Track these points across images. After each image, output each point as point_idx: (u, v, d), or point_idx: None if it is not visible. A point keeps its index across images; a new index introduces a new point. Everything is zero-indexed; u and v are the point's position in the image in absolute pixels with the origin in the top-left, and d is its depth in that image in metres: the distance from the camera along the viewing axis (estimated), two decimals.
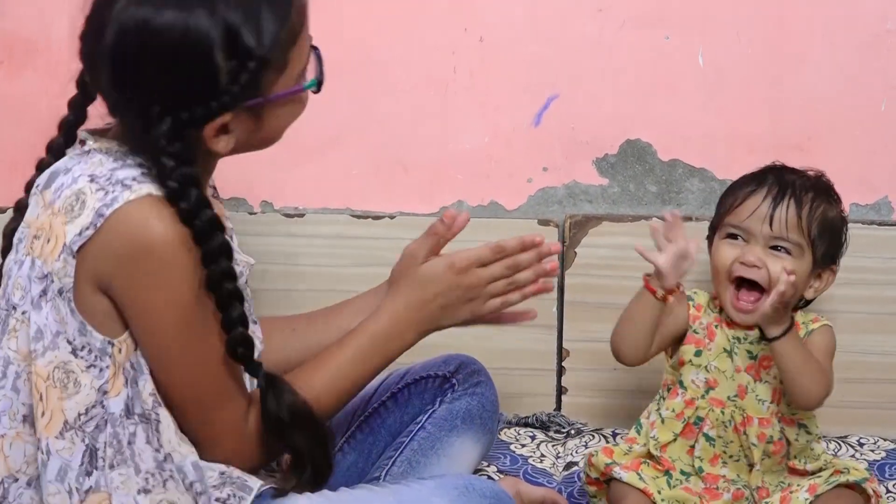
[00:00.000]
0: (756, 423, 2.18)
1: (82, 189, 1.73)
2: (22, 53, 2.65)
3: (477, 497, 1.82)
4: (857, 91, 2.56)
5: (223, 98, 1.71)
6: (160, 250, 1.70)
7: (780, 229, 2.18)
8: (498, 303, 1.96)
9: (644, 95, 2.60)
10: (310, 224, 2.63)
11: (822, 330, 2.23)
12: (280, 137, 1.86)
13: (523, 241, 1.96)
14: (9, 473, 1.79)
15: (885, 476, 2.39)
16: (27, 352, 1.76)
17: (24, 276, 1.76)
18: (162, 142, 1.71)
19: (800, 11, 2.55)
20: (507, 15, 2.59)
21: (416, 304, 1.95)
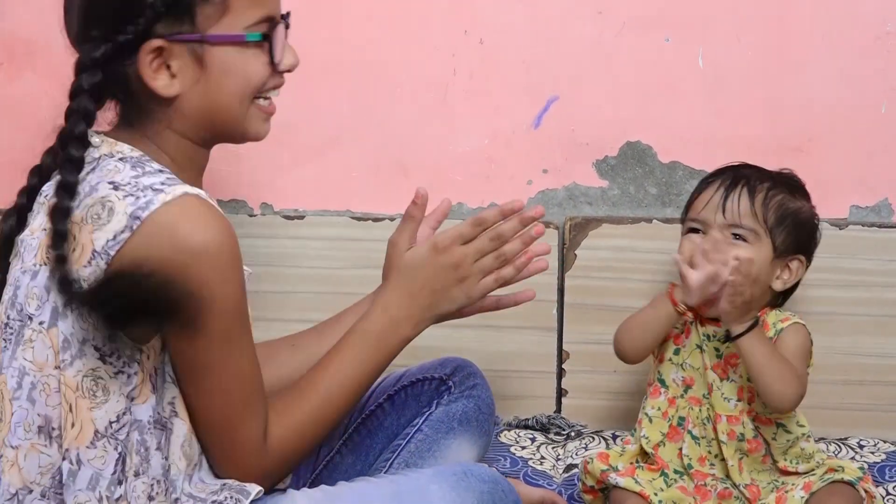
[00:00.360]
0: (724, 420, 2.19)
1: (106, 196, 1.71)
2: (22, 55, 2.66)
3: (476, 481, 1.82)
4: (857, 93, 2.56)
5: (149, 13, 1.71)
6: (212, 251, 1.69)
7: (732, 216, 2.19)
8: (491, 280, 1.94)
9: (644, 97, 2.60)
10: (309, 226, 2.63)
11: (792, 328, 2.22)
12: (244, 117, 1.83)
13: (503, 209, 1.93)
14: (23, 485, 1.76)
15: (885, 478, 2.39)
16: (43, 362, 1.73)
17: (39, 285, 1.74)
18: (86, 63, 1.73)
19: (800, 13, 2.56)
20: (507, 17, 2.59)
21: (405, 294, 1.93)
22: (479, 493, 1.81)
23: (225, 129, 1.82)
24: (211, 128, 1.81)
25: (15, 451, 1.76)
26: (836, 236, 2.54)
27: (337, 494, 1.83)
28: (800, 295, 2.45)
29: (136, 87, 1.75)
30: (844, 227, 2.55)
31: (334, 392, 1.88)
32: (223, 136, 1.85)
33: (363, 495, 1.82)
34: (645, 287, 2.54)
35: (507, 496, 1.84)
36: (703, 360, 2.22)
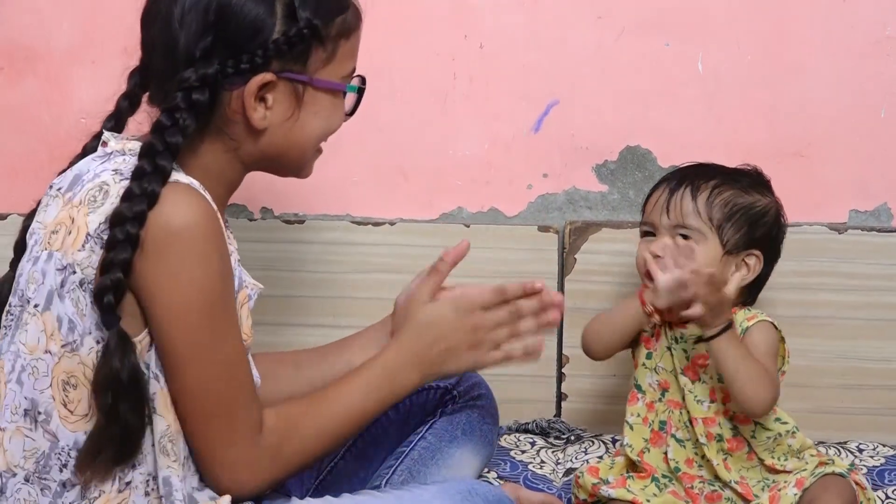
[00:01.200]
0: (700, 422, 2.19)
1: (105, 181, 1.74)
2: (22, 60, 2.66)
3: (479, 501, 1.82)
4: (856, 98, 2.56)
5: (270, 49, 1.75)
6: (189, 239, 1.70)
7: (676, 217, 2.19)
8: (500, 354, 1.95)
9: (643, 102, 2.60)
10: (310, 230, 2.62)
11: (758, 326, 2.21)
12: (308, 159, 1.88)
13: (525, 288, 1.95)
14: (7, 468, 1.76)
15: (884, 482, 2.38)
16: (34, 345, 1.74)
17: (38, 269, 1.75)
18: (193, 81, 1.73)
19: (798, 18, 2.55)
20: (506, 22, 2.59)
21: (422, 344, 1.93)
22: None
23: (285, 164, 1.87)
24: (273, 160, 1.85)
25: (3, 433, 1.77)
26: (836, 241, 2.54)
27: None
28: (798, 299, 2.50)
29: (225, 110, 1.78)
30: (844, 231, 2.54)
31: (339, 413, 1.87)
32: (276, 170, 1.89)
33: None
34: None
35: None
36: (674, 363, 2.22)
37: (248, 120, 1.78)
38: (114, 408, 1.69)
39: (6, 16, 2.65)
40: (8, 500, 1.76)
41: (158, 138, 1.72)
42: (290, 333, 2.60)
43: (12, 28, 2.64)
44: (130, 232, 1.67)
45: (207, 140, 1.80)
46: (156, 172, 1.70)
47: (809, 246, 2.51)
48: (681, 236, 2.19)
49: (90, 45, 2.62)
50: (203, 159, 1.80)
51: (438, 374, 1.94)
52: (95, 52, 2.62)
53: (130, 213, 1.67)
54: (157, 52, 1.79)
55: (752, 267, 2.23)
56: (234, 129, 1.80)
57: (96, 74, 2.62)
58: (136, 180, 1.69)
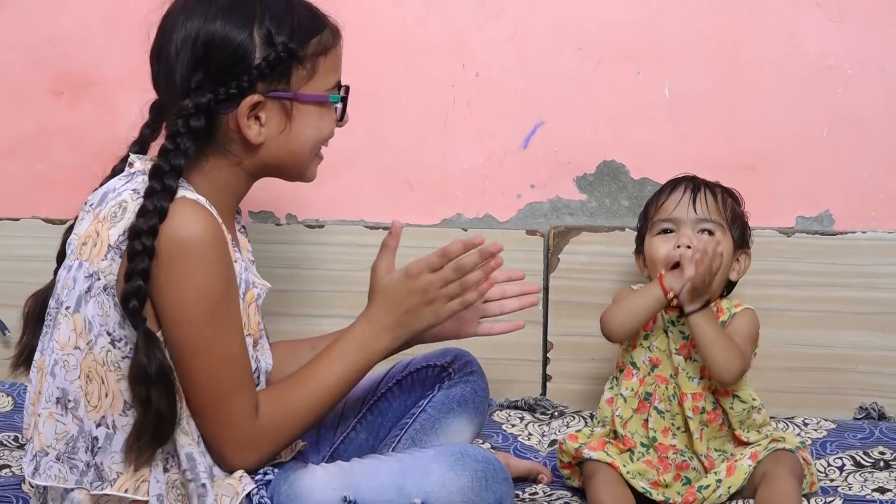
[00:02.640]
0: (690, 398, 2.20)
1: (125, 199, 1.77)
2: (79, 87, 2.69)
3: (471, 461, 1.82)
4: (802, 119, 2.56)
5: (254, 73, 1.78)
6: (194, 248, 1.72)
7: (703, 211, 2.22)
8: (456, 303, 1.93)
9: (618, 122, 2.61)
10: (329, 234, 2.65)
11: (743, 313, 2.24)
12: (306, 165, 1.89)
13: (465, 243, 1.93)
14: (41, 448, 1.79)
15: (825, 452, 2.38)
16: (65, 342, 1.77)
17: (71, 276, 1.77)
18: (190, 109, 1.75)
19: (752, 50, 2.56)
20: (499, 53, 2.61)
21: (384, 311, 1.93)
22: (473, 470, 1.81)
23: (288, 171, 1.89)
24: (276, 168, 1.88)
25: (39, 418, 1.80)
26: (785, 243, 2.56)
27: (351, 469, 1.85)
28: (753, 293, 2.48)
29: (224, 131, 1.81)
30: (791, 234, 2.56)
31: (321, 386, 1.88)
32: (281, 175, 1.91)
33: (373, 470, 1.84)
34: (619, 286, 2.49)
35: (497, 473, 1.83)
36: (669, 344, 2.23)
37: (244, 137, 1.81)
38: (147, 398, 1.72)
39: (66, 49, 2.67)
40: (41, 476, 1.80)
41: (164, 161, 1.75)
42: (311, 323, 2.60)
43: (71, 59, 2.67)
44: (146, 244, 1.70)
45: (212, 158, 1.83)
46: (164, 191, 1.73)
47: (762, 247, 2.47)
48: (702, 231, 2.22)
49: (137, 74, 2.38)
50: (210, 175, 1.83)
51: (407, 333, 1.93)
52: (142, 79, 2.37)
53: (146, 227, 1.70)
54: (162, 85, 1.83)
55: (744, 264, 2.29)
56: (234, 146, 1.82)
57: (143, 99, 2.34)
58: (149, 198, 1.72)
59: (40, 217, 2.71)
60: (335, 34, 1.88)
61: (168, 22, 1.82)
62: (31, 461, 1.81)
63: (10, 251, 2.69)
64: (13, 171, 2.73)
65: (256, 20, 1.80)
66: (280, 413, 1.85)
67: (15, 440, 2.45)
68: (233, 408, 1.79)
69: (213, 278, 1.75)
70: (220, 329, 1.77)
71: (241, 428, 1.80)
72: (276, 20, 1.81)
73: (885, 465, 2.33)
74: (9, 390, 2.64)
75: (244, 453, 1.82)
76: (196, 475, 1.78)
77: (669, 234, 2.25)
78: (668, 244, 2.23)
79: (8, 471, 2.31)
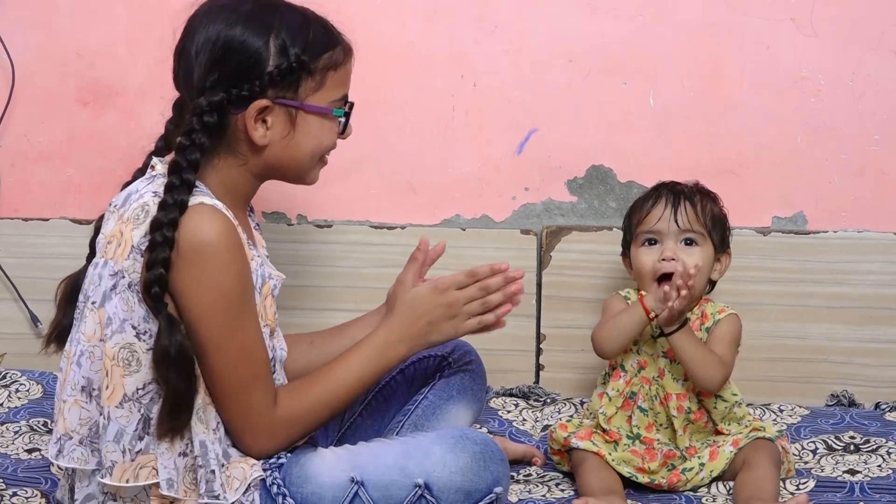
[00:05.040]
0: (675, 398, 2.19)
1: (147, 202, 1.76)
2: (104, 97, 2.69)
3: (470, 443, 1.82)
4: (777, 127, 2.57)
5: (265, 79, 1.78)
6: (211, 251, 1.73)
7: (685, 224, 2.20)
8: (475, 322, 1.94)
9: (606, 130, 2.60)
10: (336, 233, 2.64)
11: (727, 319, 2.23)
12: (307, 170, 1.88)
13: (492, 268, 1.94)
14: (65, 432, 1.79)
15: (800, 436, 2.38)
16: (91, 334, 1.77)
17: (97, 273, 1.78)
18: (204, 107, 1.76)
19: (731, 62, 2.56)
20: (495, 65, 2.61)
21: (407, 321, 1.92)
22: (472, 452, 1.81)
23: (288, 174, 1.89)
24: (278, 171, 1.88)
25: (64, 404, 1.80)
26: (761, 241, 2.56)
27: (357, 452, 1.85)
28: (733, 289, 2.50)
29: (233, 130, 1.82)
30: (768, 233, 2.56)
31: (338, 385, 1.88)
32: (283, 178, 1.90)
33: (378, 452, 1.84)
34: (607, 282, 2.55)
35: (495, 455, 1.83)
36: (657, 349, 2.21)
37: (250, 138, 1.81)
38: (166, 378, 1.72)
39: (92, 60, 2.66)
40: (64, 459, 1.80)
41: (181, 157, 1.76)
42: (320, 316, 2.59)
43: (96, 70, 2.67)
44: (167, 235, 1.70)
45: (223, 156, 1.83)
46: (183, 185, 1.74)
47: (740, 246, 2.47)
48: (685, 241, 2.21)
49: (159, 84, 2.40)
50: (220, 174, 1.83)
51: (424, 344, 1.94)
52: (163, 89, 2.38)
53: (166, 220, 1.71)
54: (181, 83, 1.84)
55: (725, 263, 2.28)
56: (241, 146, 1.82)
57: (164, 108, 2.37)
58: (168, 193, 1.73)
59: (69, 218, 2.72)
60: (347, 52, 1.88)
61: (192, 23, 1.84)
62: (55, 444, 1.81)
63: (40, 249, 2.70)
64: (44, 175, 2.73)
65: (274, 31, 1.80)
66: (297, 407, 1.85)
67: (45, 425, 2.46)
68: (251, 399, 1.80)
69: (229, 280, 1.75)
70: (237, 326, 1.77)
71: (259, 418, 1.81)
72: (291, 33, 1.81)
73: (855, 449, 2.34)
74: (38, 378, 2.65)
75: (262, 441, 1.83)
76: (206, 461, 1.78)
77: (654, 245, 2.24)
78: (652, 256, 2.22)
79: (38, 454, 2.31)
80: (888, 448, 2.32)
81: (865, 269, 2.56)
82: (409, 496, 1.80)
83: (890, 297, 2.56)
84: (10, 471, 2.19)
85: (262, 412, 1.81)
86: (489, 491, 1.81)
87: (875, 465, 2.26)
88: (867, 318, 2.56)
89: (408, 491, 1.80)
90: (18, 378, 2.63)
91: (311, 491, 1.82)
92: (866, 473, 2.23)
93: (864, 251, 2.56)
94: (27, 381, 2.63)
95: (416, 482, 1.79)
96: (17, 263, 2.72)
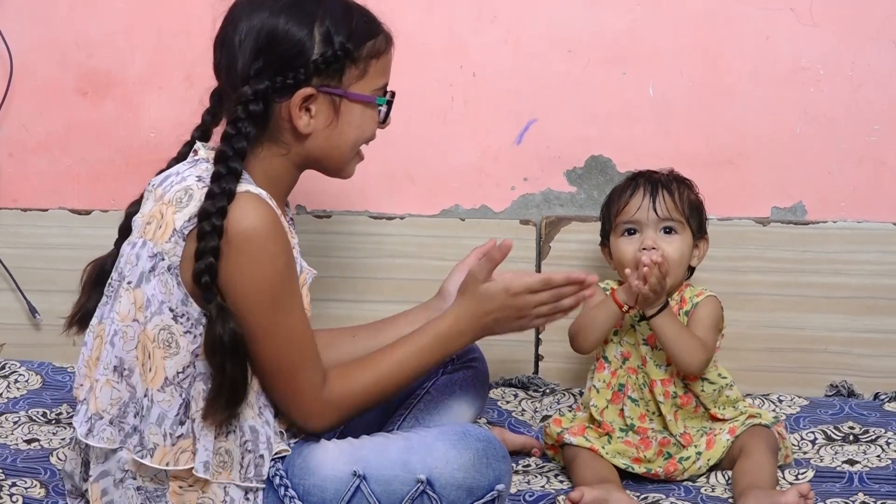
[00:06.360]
0: (659, 384, 2.20)
1: (190, 185, 1.76)
2: (103, 87, 2.69)
3: (473, 441, 1.81)
4: (776, 117, 2.56)
5: (310, 67, 1.78)
6: (257, 240, 1.73)
7: (663, 211, 2.21)
8: (541, 322, 1.97)
9: (605, 120, 2.60)
10: (335, 224, 2.64)
11: (705, 301, 2.24)
12: (348, 161, 1.89)
13: (567, 277, 1.94)
14: (96, 412, 1.80)
15: (799, 426, 2.38)
16: (126, 314, 1.77)
17: (135, 253, 1.78)
18: (249, 95, 1.76)
19: (730, 52, 2.56)
20: (495, 55, 2.61)
21: (474, 315, 1.93)
22: (475, 449, 1.80)
23: (329, 165, 1.89)
24: (319, 161, 1.87)
25: (97, 382, 1.80)
26: (760, 231, 2.56)
27: (360, 445, 1.85)
28: (731, 279, 2.51)
29: (277, 119, 1.81)
30: (767, 224, 2.56)
31: (395, 370, 1.89)
32: (323, 169, 1.90)
33: (381, 447, 1.83)
34: (605, 272, 2.45)
35: (497, 452, 1.82)
36: (637, 337, 2.22)
37: (294, 127, 1.80)
38: (222, 366, 1.72)
39: (90, 50, 2.66)
40: (94, 438, 1.79)
41: (227, 145, 1.75)
42: (320, 307, 2.43)
43: (95, 59, 2.67)
44: (216, 224, 1.70)
45: (266, 144, 1.82)
46: (230, 174, 1.73)
47: (739, 236, 2.52)
48: (664, 230, 2.21)
49: (157, 74, 2.65)
50: (263, 163, 1.82)
51: (484, 335, 1.95)
52: (161, 79, 2.65)
53: (214, 209, 1.70)
54: (223, 72, 1.83)
55: (703, 249, 2.28)
56: (285, 135, 1.82)
57: (162, 98, 2.65)
58: (215, 182, 1.73)
59: (67, 208, 2.71)
60: (388, 40, 1.88)
61: (234, 13, 1.83)
62: (85, 422, 1.81)
63: (39, 240, 2.71)
64: (42, 165, 2.73)
65: (318, 19, 1.80)
66: (347, 389, 1.86)
67: (43, 416, 2.45)
68: (300, 382, 1.81)
69: (277, 267, 1.75)
70: (283, 312, 1.77)
71: (308, 400, 1.82)
72: (335, 21, 1.81)
73: (854, 439, 2.34)
74: (37, 369, 2.65)
75: (312, 421, 1.84)
76: (256, 447, 1.79)
77: (633, 234, 2.24)
78: (632, 245, 2.22)
79: (37, 444, 2.31)
80: (887, 438, 2.32)
81: (864, 260, 2.55)
82: (411, 492, 1.79)
83: (889, 287, 2.55)
84: (9, 461, 2.20)
85: (310, 393, 1.82)
86: (491, 488, 1.81)
87: (874, 455, 2.26)
88: (866, 308, 2.56)
89: (410, 486, 1.79)
90: (17, 368, 2.64)
91: (313, 483, 1.82)
92: (865, 463, 2.23)
93: (863, 241, 2.55)
94: (26, 371, 2.63)
95: (419, 478, 1.79)
96: (15, 254, 2.72)
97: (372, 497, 1.80)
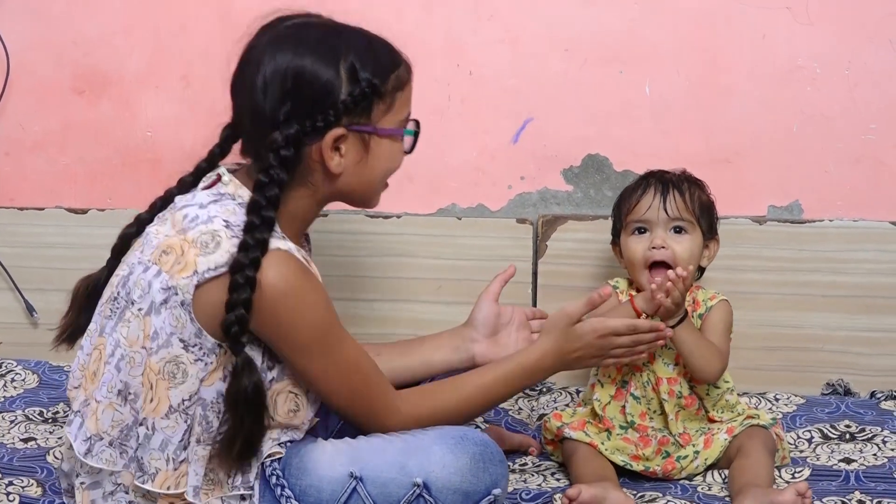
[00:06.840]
0: (665, 382, 2.20)
1: (217, 230, 1.74)
2: (99, 86, 2.69)
3: (470, 444, 1.81)
4: (774, 116, 2.56)
5: (339, 108, 1.76)
6: (292, 296, 1.73)
7: (674, 212, 2.21)
8: (611, 363, 2.05)
9: (602, 119, 2.60)
10: (332, 223, 2.62)
11: (718, 305, 2.24)
12: (376, 193, 1.88)
13: (652, 326, 2.02)
14: (96, 432, 1.79)
15: (796, 425, 2.38)
16: (134, 340, 1.76)
17: (146, 279, 1.76)
18: (280, 142, 1.73)
19: (728, 51, 2.56)
20: (491, 53, 2.61)
21: (560, 352, 1.98)
22: (472, 453, 1.80)
23: (356, 198, 1.88)
24: (347, 196, 1.87)
25: (98, 404, 1.79)
26: (757, 230, 2.55)
27: (357, 447, 1.84)
28: (728, 278, 2.50)
29: (307, 161, 1.79)
30: (764, 222, 2.56)
31: (477, 395, 1.94)
32: (349, 202, 1.89)
33: (379, 449, 1.83)
34: (602, 271, 2.54)
35: (494, 456, 1.82)
36: None
37: (326, 168, 1.79)
38: (240, 418, 1.72)
39: (87, 50, 2.66)
40: (93, 458, 1.79)
41: (261, 195, 1.73)
42: None
43: (92, 59, 2.67)
44: (249, 275, 1.69)
45: (293, 189, 1.80)
46: (264, 224, 1.72)
47: (737, 235, 2.51)
48: (674, 229, 2.21)
49: (153, 74, 2.65)
50: (290, 206, 1.80)
51: (563, 369, 2.01)
52: (158, 79, 2.65)
53: (247, 260, 1.69)
54: (245, 116, 1.80)
55: (714, 249, 2.27)
56: (314, 176, 1.80)
57: (158, 97, 2.65)
58: (249, 233, 1.71)
59: (63, 207, 2.71)
60: (408, 69, 1.86)
61: (254, 53, 1.80)
62: (84, 441, 1.80)
63: (36, 239, 2.72)
64: (39, 164, 2.73)
65: (342, 56, 1.78)
66: (425, 409, 1.89)
67: (40, 415, 2.45)
68: (372, 402, 1.84)
69: (316, 314, 1.76)
70: (334, 348, 1.79)
71: (384, 418, 1.85)
72: (359, 56, 1.79)
73: (850, 438, 2.33)
74: (34, 368, 2.66)
75: None
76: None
77: (643, 233, 2.24)
78: (643, 244, 2.22)
79: (34, 443, 2.31)
80: (883, 437, 2.32)
81: (861, 258, 2.55)
82: (408, 495, 1.79)
83: (885, 286, 2.55)
84: (5, 460, 2.20)
85: (385, 413, 1.85)
86: (487, 492, 1.81)
87: (870, 453, 2.26)
88: (863, 307, 2.55)
89: (406, 490, 1.79)
90: (14, 367, 2.64)
91: (310, 483, 1.81)
92: (861, 462, 2.23)
93: (859, 240, 2.55)
94: (23, 370, 2.64)
95: (415, 481, 1.78)
96: (12, 253, 2.72)
97: (368, 499, 1.80)
